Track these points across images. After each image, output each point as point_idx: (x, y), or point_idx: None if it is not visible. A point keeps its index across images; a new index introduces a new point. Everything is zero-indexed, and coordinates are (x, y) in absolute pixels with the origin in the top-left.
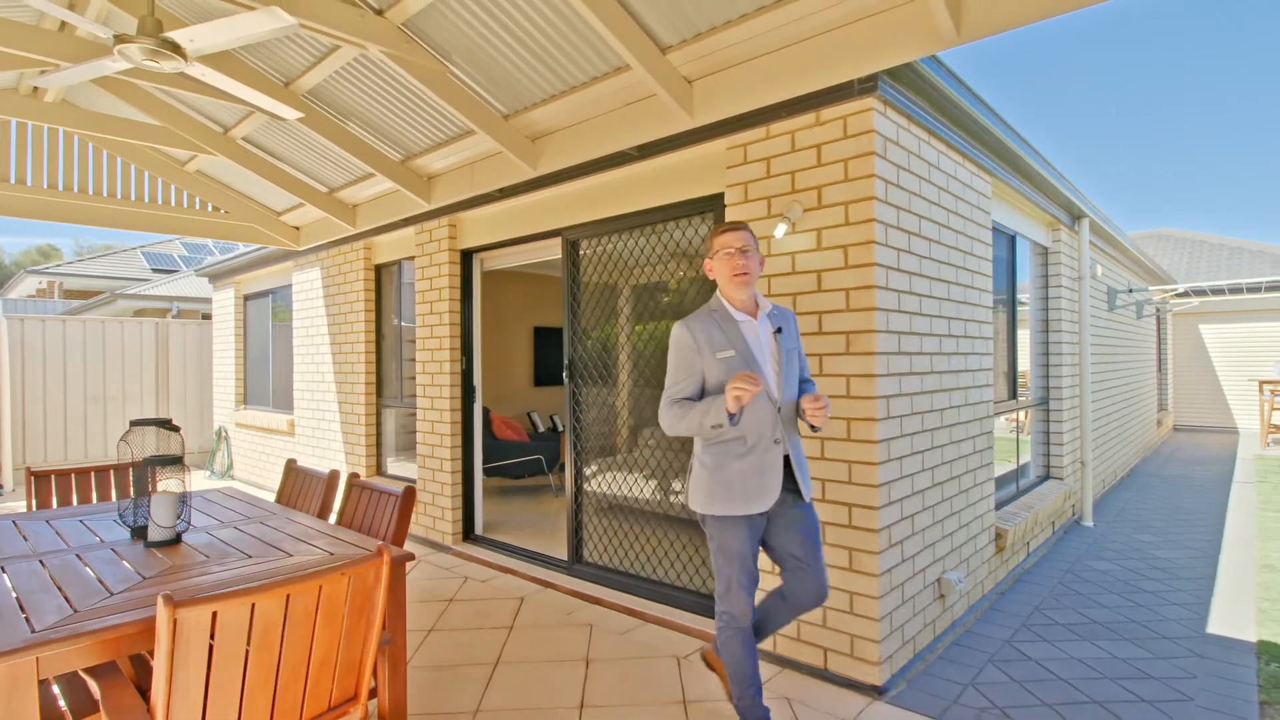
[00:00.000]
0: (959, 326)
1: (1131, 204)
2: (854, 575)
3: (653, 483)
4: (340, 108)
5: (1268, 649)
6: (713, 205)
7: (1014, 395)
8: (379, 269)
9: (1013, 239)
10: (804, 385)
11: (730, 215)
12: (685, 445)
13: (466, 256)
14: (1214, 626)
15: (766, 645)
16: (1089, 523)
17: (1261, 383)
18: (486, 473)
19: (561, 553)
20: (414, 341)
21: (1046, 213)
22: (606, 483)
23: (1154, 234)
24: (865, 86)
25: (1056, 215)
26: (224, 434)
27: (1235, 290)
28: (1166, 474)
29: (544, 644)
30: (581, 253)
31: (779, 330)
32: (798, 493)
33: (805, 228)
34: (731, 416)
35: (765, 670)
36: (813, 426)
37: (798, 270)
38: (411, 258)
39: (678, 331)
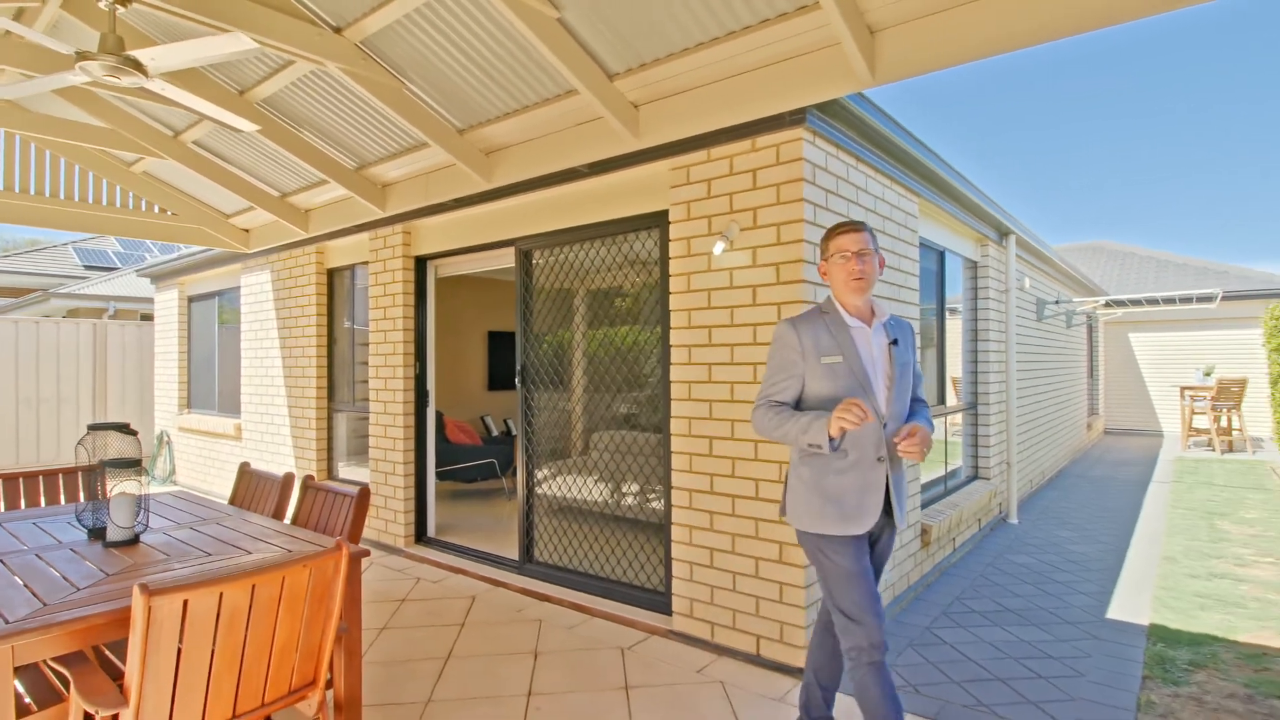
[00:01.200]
0: None
1: (1076, 217)
2: (783, 566)
3: (602, 485)
4: (295, 116)
5: (1157, 631)
6: (658, 221)
7: (942, 400)
8: (331, 273)
9: (942, 254)
10: (915, 404)
11: (674, 232)
12: (634, 449)
13: (421, 263)
14: (1113, 612)
15: (703, 633)
16: (1014, 520)
17: (1183, 388)
18: (439, 476)
19: (513, 553)
20: (367, 345)
21: (974, 230)
22: (558, 485)
23: (1089, 246)
24: (795, 118)
25: (984, 232)
26: (166, 439)
27: (1152, 302)
28: (1092, 475)
29: (494, 639)
30: (534, 262)
31: (895, 341)
32: (892, 516)
33: (742, 246)
34: (832, 441)
35: (701, 658)
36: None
37: (735, 285)
38: (365, 263)
39: (782, 330)
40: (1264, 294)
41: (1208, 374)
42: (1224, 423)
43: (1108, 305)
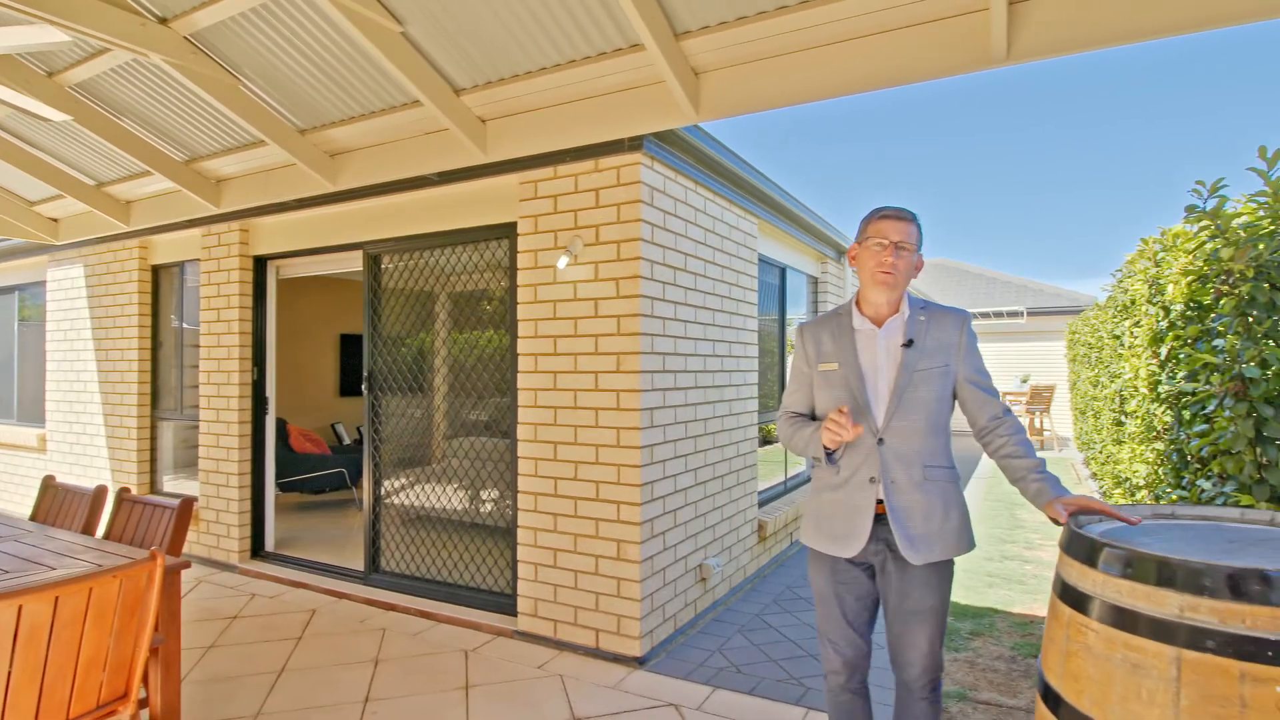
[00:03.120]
0: (724, 347)
1: (949, 233)
2: (621, 563)
3: (451, 491)
4: (115, 104)
5: (951, 607)
6: (508, 233)
7: None
8: (157, 270)
9: (783, 270)
10: (993, 423)
11: (522, 244)
12: (483, 455)
13: (260, 263)
14: None
15: (546, 631)
16: None
17: (1003, 394)
18: (283, 488)
19: (359, 564)
20: (198, 349)
21: (814, 249)
22: (407, 493)
23: (932, 263)
24: (634, 144)
25: (823, 250)
26: None
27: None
28: None
29: (333, 650)
30: (384, 266)
31: (909, 343)
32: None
33: (586, 260)
34: (829, 453)
35: (544, 654)
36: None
37: (579, 297)
38: (197, 260)
39: (794, 336)
40: (1067, 310)
41: (1024, 381)
42: (1037, 424)
43: None
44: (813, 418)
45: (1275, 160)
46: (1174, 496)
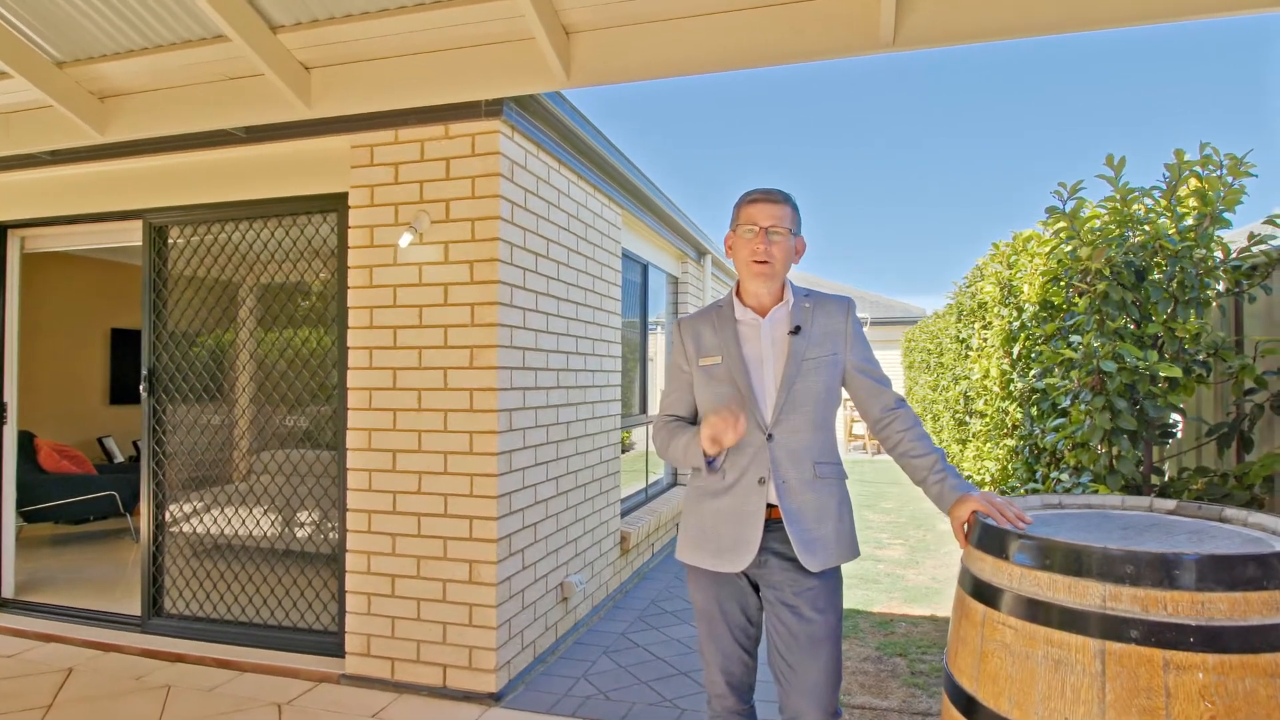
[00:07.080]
0: (587, 345)
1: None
2: (474, 587)
3: (258, 514)
4: None
5: None
6: (336, 205)
7: (645, 409)
8: None
9: (645, 268)
10: (887, 415)
11: (355, 219)
12: (299, 470)
13: None
14: None
15: (382, 672)
16: None
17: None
18: (30, 517)
19: (134, 608)
20: None
21: (676, 247)
22: (200, 518)
23: None
24: (491, 109)
25: (684, 250)
26: None
27: None
28: None
29: (98, 716)
30: (172, 241)
31: (795, 330)
32: (795, 560)
33: (433, 239)
34: (710, 460)
35: (379, 699)
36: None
37: (425, 282)
38: None
39: (672, 331)
40: (902, 321)
41: None
42: None
43: None
44: (694, 421)
45: (1120, 167)
46: (1022, 491)
